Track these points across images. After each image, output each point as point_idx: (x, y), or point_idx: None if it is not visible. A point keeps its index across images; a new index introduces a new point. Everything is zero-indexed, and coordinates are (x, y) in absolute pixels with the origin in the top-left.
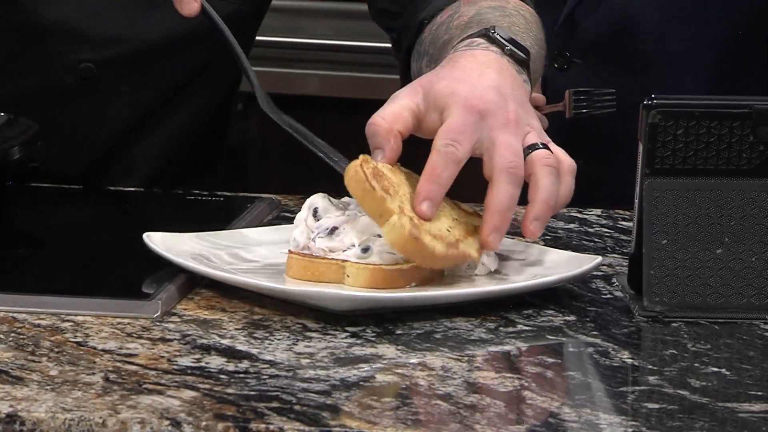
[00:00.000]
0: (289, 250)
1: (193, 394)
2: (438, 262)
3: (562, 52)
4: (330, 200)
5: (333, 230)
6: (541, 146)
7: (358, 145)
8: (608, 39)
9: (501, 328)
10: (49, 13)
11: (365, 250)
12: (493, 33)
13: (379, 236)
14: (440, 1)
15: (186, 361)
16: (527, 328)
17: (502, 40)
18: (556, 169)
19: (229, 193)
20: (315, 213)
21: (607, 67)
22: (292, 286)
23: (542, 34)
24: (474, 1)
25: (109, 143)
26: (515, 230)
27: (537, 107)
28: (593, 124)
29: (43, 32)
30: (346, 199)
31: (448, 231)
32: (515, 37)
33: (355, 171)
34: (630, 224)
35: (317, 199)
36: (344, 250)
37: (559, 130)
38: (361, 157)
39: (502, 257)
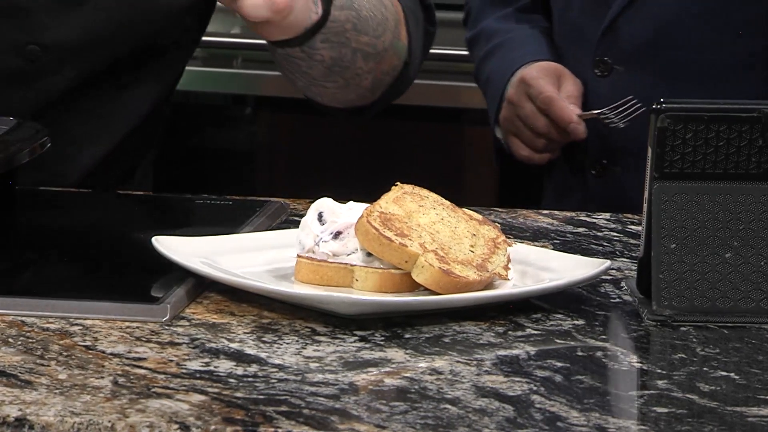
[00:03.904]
0: (298, 254)
1: (201, 398)
2: (473, 289)
3: (603, 59)
4: (335, 204)
5: (337, 234)
6: None
7: (366, 148)
8: (650, 47)
9: (510, 332)
10: None
11: (370, 254)
12: None
13: None
14: None
15: (195, 365)
16: (536, 332)
17: None
18: None
19: (237, 197)
20: (320, 217)
21: (649, 74)
22: (300, 290)
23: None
24: None
25: (53, 127)
26: (523, 234)
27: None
28: (630, 131)
29: None
30: (351, 203)
31: (471, 251)
32: None
33: (365, 229)
34: (639, 228)
35: (323, 203)
36: (348, 254)
37: (597, 137)
38: (364, 211)
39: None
